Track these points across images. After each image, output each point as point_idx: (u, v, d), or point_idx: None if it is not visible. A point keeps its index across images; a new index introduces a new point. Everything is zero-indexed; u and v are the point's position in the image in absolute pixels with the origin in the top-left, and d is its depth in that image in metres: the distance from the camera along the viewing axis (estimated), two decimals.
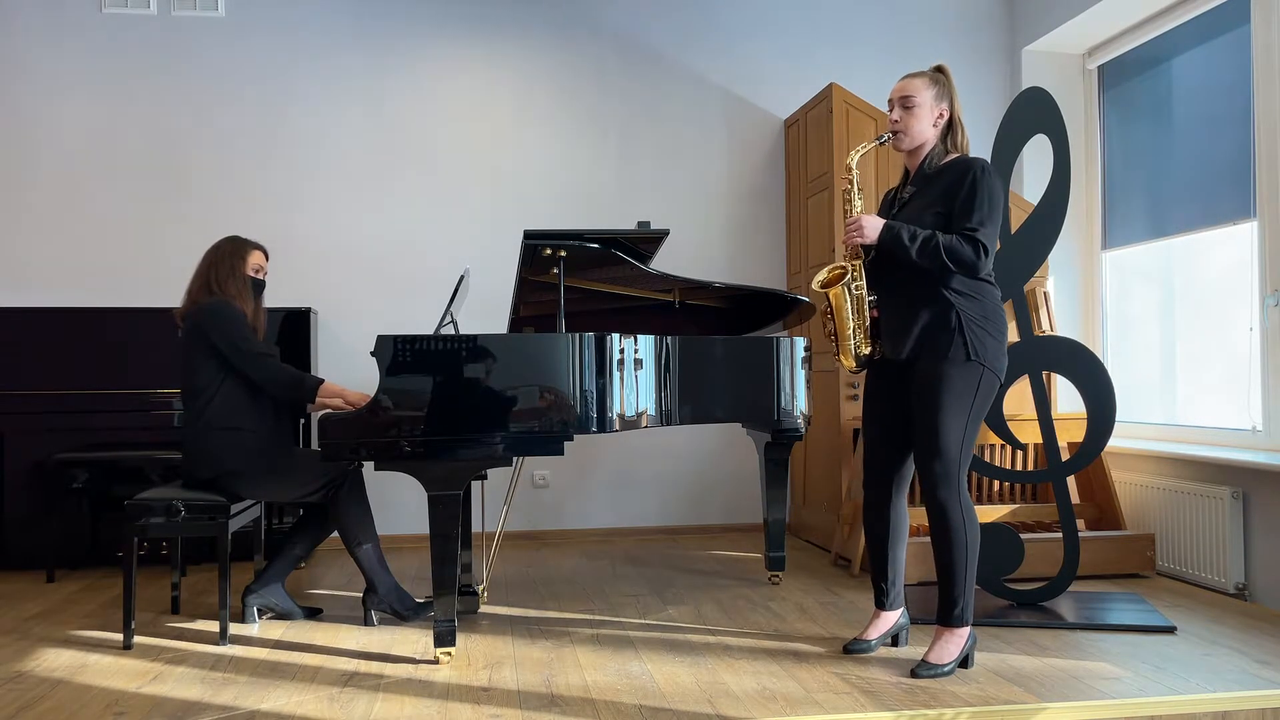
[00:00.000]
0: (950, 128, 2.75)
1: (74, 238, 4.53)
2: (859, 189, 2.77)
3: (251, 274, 3.27)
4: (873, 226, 2.65)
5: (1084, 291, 4.87)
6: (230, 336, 3.09)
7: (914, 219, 2.69)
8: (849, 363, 2.76)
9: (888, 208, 2.88)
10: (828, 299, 2.74)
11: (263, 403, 3.18)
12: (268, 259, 3.36)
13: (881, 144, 2.78)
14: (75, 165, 4.55)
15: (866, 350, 2.77)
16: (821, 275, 2.73)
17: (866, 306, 2.74)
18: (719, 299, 3.73)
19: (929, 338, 2.66)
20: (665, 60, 4.97)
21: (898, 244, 2.62)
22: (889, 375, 2.80)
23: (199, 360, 3.13)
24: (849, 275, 2.71)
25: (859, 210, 2.75)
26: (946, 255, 2.59)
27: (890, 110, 2.78)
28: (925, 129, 2.73)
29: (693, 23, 4.99)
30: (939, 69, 2.78)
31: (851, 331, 2.74)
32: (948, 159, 2.74)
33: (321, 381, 3.13)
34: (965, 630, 2.72)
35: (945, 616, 2.72)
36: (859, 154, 2.76)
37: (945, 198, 2.67)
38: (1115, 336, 4.74)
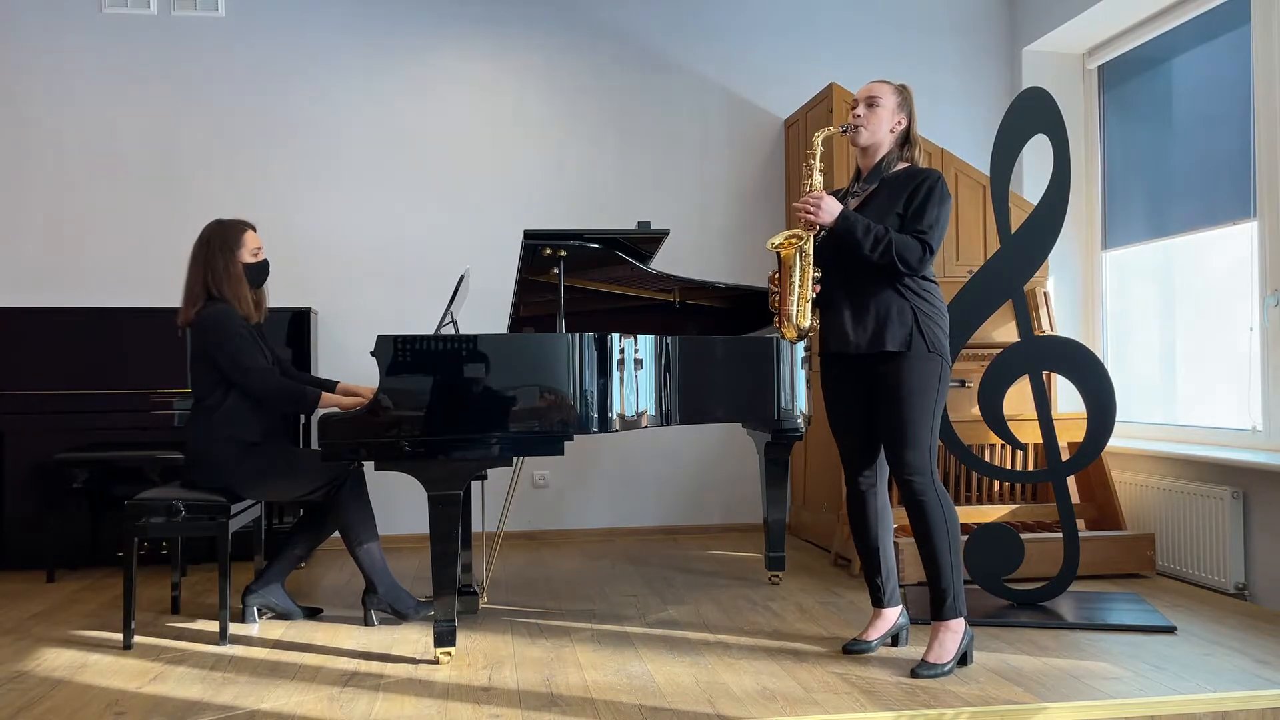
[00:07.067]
0: (908, 141, 2.86)
1: (74, 238, 4.53)
2: (820, 166, 2.85)
3: (251, 259, 3.22)
4: (830, 210, 2.71)
5: (1084, 291, 4.87)
6: (228, 352, 3.07)
7: (875, 217, 2.75)
8: (790, 333, 2.78)
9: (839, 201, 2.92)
10: (779, 259, 2.79)
11: (267, 410, 3.18)
12: (256, 231, 3.26)
13: (843, 133, 2.88)
14: (75, 165, 4.55)
15: (807, 323, 2.78)
16: (778, 239, 2.78)
17: (811, 279, 2.77)
18: (719, 299, 3.73)
19: (886, 333, 2.72)
20: (666, 60, 4.97)
21: (850, 234, 2.69)
22: (844, 376, 2.86)
23: (202, 369, 3.13)
24: (804, 241, 2.76)
25: (818, 185, 2.82)
26: (895, 252, 2.68)
27: (854, 106, 2.87)
28: (883, 131, 2.83)
29: (693, 23, 4.99)
30: (904, 87, 2.89)
31: (796, 297, 2.77)
32: (905, 166, 2.85)
33: (320, 395, 3.12)
34: (960, 623, 2.74)
35: (938, 610, 2.74)
36: (824, 134, 2.86)
37: (906, 203, 2.76)
38: (1115, 336, 4.74)
